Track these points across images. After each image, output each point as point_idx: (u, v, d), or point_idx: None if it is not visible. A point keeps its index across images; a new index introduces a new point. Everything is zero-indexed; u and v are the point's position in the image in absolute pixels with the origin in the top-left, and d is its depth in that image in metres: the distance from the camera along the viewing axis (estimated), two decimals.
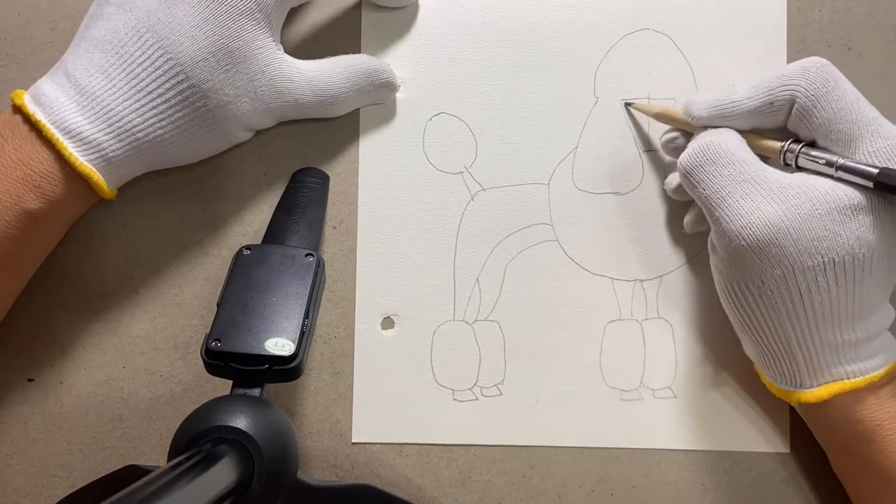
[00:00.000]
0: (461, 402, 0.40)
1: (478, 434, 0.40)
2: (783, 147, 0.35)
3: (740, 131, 0.36)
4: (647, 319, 0.41)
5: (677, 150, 0.38)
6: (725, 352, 0.40)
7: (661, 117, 0.39)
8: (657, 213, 0.41)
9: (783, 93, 0.34)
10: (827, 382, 0.34)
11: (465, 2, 0.42)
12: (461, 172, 0.41)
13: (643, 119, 0.41)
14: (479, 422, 0.40)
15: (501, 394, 0.40)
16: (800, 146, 0.34)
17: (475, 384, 0.41)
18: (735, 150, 0.34)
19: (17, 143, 0.35)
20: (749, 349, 0.38)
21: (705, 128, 0.36)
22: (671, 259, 0.41)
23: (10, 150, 0.34)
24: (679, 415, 0.40)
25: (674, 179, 0.39)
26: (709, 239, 0.36)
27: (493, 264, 0.41)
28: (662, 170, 0.41)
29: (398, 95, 0.41)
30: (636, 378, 0.40)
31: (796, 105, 0.34)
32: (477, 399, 0.40)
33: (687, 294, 0.41)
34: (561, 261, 0.41)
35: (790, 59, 0.41)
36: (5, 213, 0.34)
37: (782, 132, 0.36)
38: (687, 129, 0.38)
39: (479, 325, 0.41)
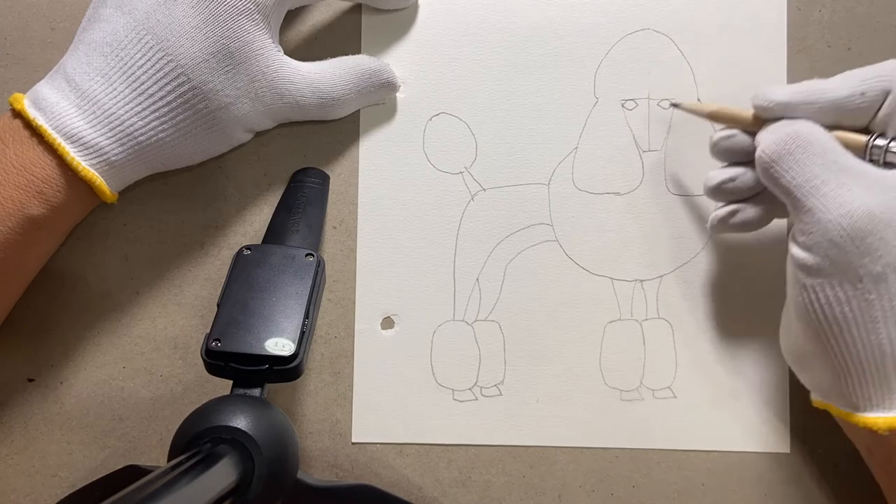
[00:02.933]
0: (461, 402, 0.40)
1: (478, 434, 0.40)
2: (869, 141, 0.33)
3: None
4: (647, 319, 0.41)
5: (732, 149, 0.35)
6: (725, 352, 0.40)
7: (715, 116, 0.36)
8: (657, 213, 0.41)
9: (878, 83, 0.32)
10: None
11: (465, 2, 0.42)
12: (461, 172, 0.41)
13: (644, 119, 0.41)
14: (479, 422, 0.40)
15: (501, 394, 0.40)
16: (888, 140, 0.32)
17: (475, 384, 0.41)
18: (825, 138, 0.32)
19: (18, 148, 0.34)
20: (817, 375, 0.34)
21: (778, 120, 0.34)
22: (671, 259, 0.41)
23: (12, 155, 0.34)
24: (679, 415, 0.40)
25: (717, 175, 0.36)
26: (790, 235, 0.34)
27: (493, 264, 0.41)
28: (662, 170, 0.41)
29: (398, 95, 0.41)
30: (636, 378, 0.40)
31: (891, 97, 0.32)
32: (477, 399, 0.40)
33: (687, 294, 0.41)
34: (561, 261, 0.41)
35: (790, 60, 0.41)
36: (8, 219, 0.34)
37: (861, 133, 0.34)
38: (748, 128, 0.35)
39: (479, 325, 0.41)
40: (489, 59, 0.41)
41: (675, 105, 0.39)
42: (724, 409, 0.40)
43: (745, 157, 0.36)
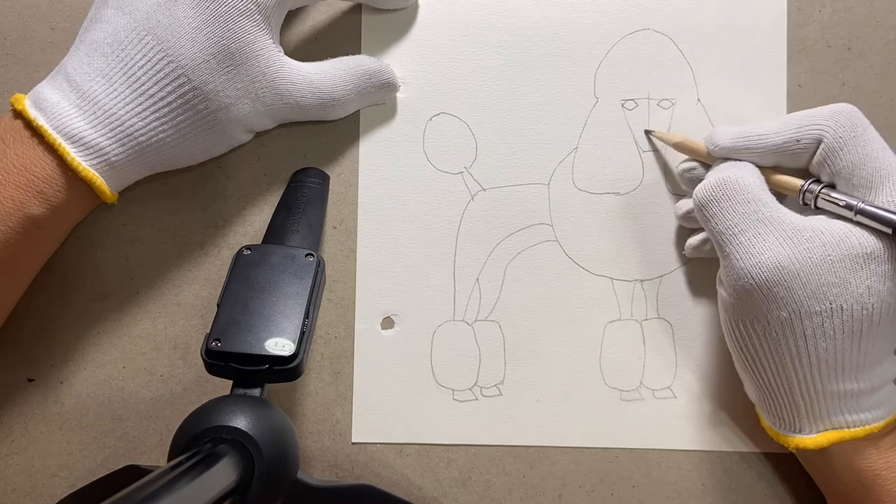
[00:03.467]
0: (461, 402, 0.40)
1: (478, 434, 0.40)
2: (803, 186, 0.34)
3: (760, 168, 0.35)
4: (647, 319, 0.41)
5: (693, 181, 0.37)
6: (725, 352, 0.40)
7: (680, 147, 0.39)
8: (657, 213, 0.41)
9: (811, 132, 0.34)
10: (826, 430, 0.34)
11: (465, 2, 0.42)
12: (461, 172, 0.41)
13: (644, 119, 0.41)
14: (479, 422, 0.40)
15: (501, 394, 0.40)
16: (820, 187, 0.34)
17: (475, 384, 0.41)
18: (753, 187, 0.34)
19: (18, 148, 0.34)
20: (750, 390, 0.37)
21: (725, 160, 0.36)
22: (671, 259, 0.41)
23: (13, 155, 0.34)
24: (679, 415, 0.40)
25: (684, 205, 0.39)
26: (717, 274, 0.36)
27: (493, 264, 0.41)
28: (662, 170, 0.41)
29: (398, 95, 0.41)
30: (636, 378, 0.40)
31: (822, 146, 0.34)
32: (477, 399, 0.40)
33: (687, 294, 0.41)
34: (561, 261, 0.41)
35: (790, 60, 0.41)
36: (8, 218, 0.34)
37: (801, 174, 0.35)
38: (706, 161, 0.38)
39: (479, 325, 0.41)
40: (489, 59, 0.41)
41: (648, 132, 0.41)
42: (724, 409, 0.40)
43: None
